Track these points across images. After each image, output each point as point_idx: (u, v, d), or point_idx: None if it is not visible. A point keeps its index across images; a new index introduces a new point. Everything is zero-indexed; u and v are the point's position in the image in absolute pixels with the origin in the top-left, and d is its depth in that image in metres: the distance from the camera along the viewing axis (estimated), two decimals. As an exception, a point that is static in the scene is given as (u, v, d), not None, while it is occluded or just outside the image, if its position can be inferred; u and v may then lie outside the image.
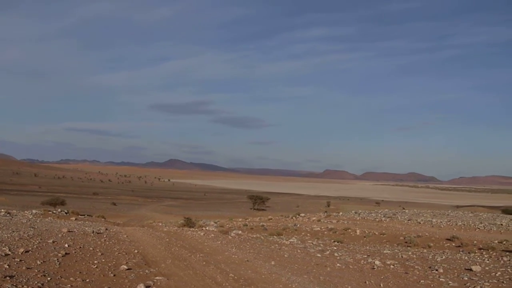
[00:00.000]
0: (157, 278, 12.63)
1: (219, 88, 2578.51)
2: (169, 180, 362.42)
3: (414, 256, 19.63)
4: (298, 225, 33.50)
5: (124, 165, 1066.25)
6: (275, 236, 26.57)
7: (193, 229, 29.16)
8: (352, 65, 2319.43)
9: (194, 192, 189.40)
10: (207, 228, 31.09)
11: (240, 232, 27.71)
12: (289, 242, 22.93)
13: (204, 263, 15.49)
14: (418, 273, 15.16)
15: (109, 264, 13.89)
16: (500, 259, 19.27)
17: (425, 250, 22.38)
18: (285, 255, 17.92)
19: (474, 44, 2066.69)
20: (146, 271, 13.57)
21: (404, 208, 78.03)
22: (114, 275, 12.49)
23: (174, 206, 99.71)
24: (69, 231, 21.13)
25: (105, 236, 21.32)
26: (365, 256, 18.78)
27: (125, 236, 22.60)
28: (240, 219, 44.57)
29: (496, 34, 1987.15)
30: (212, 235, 24.90)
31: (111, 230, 25.03)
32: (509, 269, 16.15)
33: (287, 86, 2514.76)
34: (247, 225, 34.36)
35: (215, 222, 39.09)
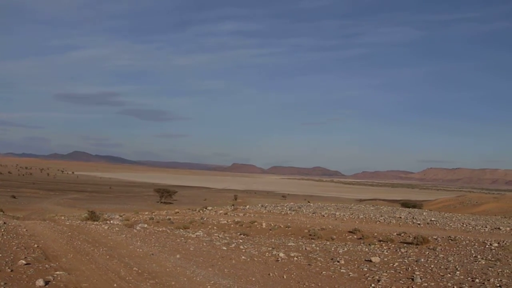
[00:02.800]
0: (57, 273, 12.26)
1: (129, 80, 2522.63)
2: (73, 172, 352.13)
3: (318, 248, 20.09)
4: (205, 219, 33.44)
5: (26, 156, 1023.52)
6: (181, 230, 26.41)
7: (97, 223, 28.53)
8: (262, 61, 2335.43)
9: (99, 185, 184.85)
10: (111, 221, 30.49)
11: (145, 225, 27.34)
12: (195, 236, 22.88)
13: (107, 257, 15.20)
14: (320, 264, 15.53)
15: (7, 259, 13.36)
16: (398, 250, 20.08)
17: (328, 243, 22.94)
18: (191, 248, 17.88)
19: (378, 44, 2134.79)
20: (46, 266, 13.14)
21: (309, 202, 79.66)
22: (11, 270, 12.01)
23: (78, 200, 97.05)
24: (-37, 225, 20.15)
25: (2, 230, 20.51)
26: (270, 248, 19.04)
27: (25, 230, 21.81)
28: (147, 213, 43.99)
29: (400, 34, 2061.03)
30: (116, 228, 24.47)
31: (9, 224, 24.08)
32: (406, 260, 16.85)
33: (198, 80, 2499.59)
34: (153, 219, 33.93)
35: (121, 216, 38.36)
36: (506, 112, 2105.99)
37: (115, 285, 11.65)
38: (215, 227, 29.46)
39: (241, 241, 21.66)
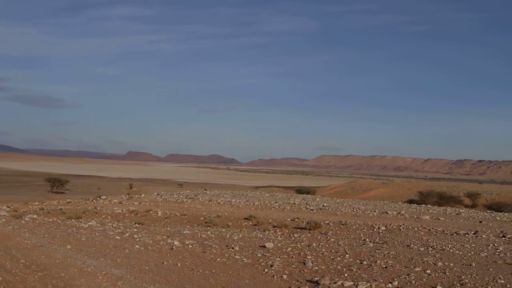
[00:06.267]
0: None
1: (18, 65, 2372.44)
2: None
3: (213, 235, 20.16)
4: (98, 208, 32.61)
5: None
6: (73, 220, 25.58)
7: (-18, 214, 27.13)
8: (157, 47, 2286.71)
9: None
10: (-2, 212, 29.09)
11: (35, 216, 26.30)
12: (87, 225, 22.26)
13: (-8, 250, 14.48)
14: (215, 251, 15.61)
15: None
16: (292, 235, 20.56)
17: (223, 230, 23.06)
18: (83, 239, 17.39)
19: (275, 33, 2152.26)
20: None
21: (205, 189, 79.77)
22: None
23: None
24: None
25: None
26: (165, 237, 18.90)
27: None
28: (37, 203, 42.22)
29: (296, 24, 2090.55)
30: (3, 220, 23.42)
31: None
32: (298, 245, 17.28)
33: (91, 65, 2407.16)
34: (43, 209, 32.67)
35: (8, 207, 36.65)
36: (399, 100, 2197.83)
37: (0, 278, 11.12)
38: (109, 217, 28.80)
39: (135, 230, 21.32)
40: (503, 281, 11.43)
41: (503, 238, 19.70)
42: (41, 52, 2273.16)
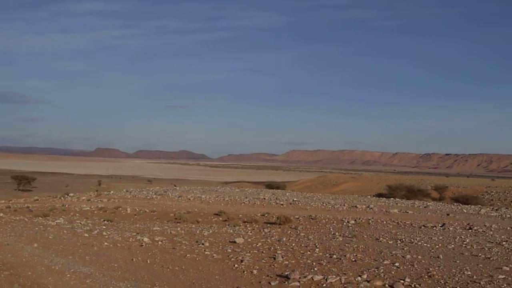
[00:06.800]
0: None
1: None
2: None
3: (183, 231, 20.07)
4: (66, 205, 32.21)
5: None
6: (40, 218, 25.22)
7: None
8: (125, 42, 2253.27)
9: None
10: (-37, 211, 28.53)
11: (1, 214, 25.88)
12: (55, 223, 21.94)
13: (-44, 249, 14.18)
14: (185, 247, 15.54)
15: None
16: (262, 230, 20.58)
17: (193, 226, 22.98)
18: (50, 237, 17.13)
19: (243, 28, 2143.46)
20: None
21: (175, 185, 79.40)
22: None
23: None
24: None
25: None
26: (134, 233, 18.73)
27: None
28: (3, 201, 41.56)
29: (264, 18, 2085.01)
30: (-32, 219, 22.94)
31: None
32: (269, 240, 17.32)
33: (56, 61, 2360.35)
34: (10, 207, 32.16)
35: (-27, 205, 36.05)
36: (368, 94, 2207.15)
37: (-36, 279, 10.90)
38: (77, 214, 28.47)
39: (104, 227, 21.11)
40: (469, 273, 11.61)
41: (470, 230, 20.05)
42: (5, 47, 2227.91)
